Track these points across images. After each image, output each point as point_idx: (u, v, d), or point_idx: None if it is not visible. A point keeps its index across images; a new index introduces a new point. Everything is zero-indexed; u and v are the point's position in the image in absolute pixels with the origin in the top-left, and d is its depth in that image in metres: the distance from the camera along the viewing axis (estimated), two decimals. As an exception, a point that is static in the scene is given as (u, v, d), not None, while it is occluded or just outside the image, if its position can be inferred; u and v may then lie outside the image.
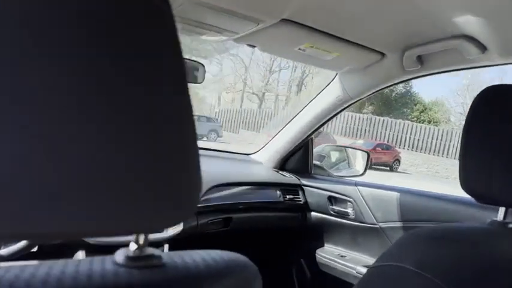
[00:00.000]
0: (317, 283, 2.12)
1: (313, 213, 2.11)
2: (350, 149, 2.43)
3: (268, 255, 2.35)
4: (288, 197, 2.06)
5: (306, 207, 2.12)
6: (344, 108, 1.99)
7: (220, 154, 2.31)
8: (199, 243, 1.77)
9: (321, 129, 2.15)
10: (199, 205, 1.67)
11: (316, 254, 2.07)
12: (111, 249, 1.23)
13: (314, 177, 2.21)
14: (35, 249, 1.32)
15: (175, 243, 1.61)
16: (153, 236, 1.53)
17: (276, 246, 2.20)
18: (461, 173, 0.78)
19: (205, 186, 1.73)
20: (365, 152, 2.27)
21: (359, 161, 2.29)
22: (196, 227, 1.70)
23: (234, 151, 2.45)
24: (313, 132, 2.12)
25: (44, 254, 1.39)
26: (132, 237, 0.44)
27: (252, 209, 1.92)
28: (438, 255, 0.63)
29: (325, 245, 2.10)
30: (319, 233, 2.11)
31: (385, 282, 0.63)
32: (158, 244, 1.56)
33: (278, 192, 2.04)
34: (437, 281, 0.57)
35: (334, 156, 2.44)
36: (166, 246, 1.59)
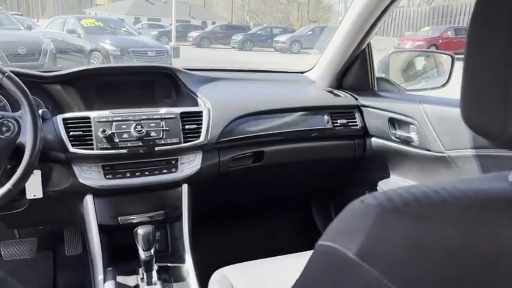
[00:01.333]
0: None
1: (373, 140, 1.73)
2: (427, 54, 1.88)
3: (320, 190, 2.09)
4: (339, 121, 1.70)
5: (364, 133, 1.74)
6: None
7: (268, 76, 2.01)
8: (225, 182, 1.60)
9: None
10: (220, 139, 1.46)
11: (377, 187, 1.72)
12: (116, 192, 1.12)
13: (377, 95, 1.78)
14: (39, 195, 1.30)
15: (195, 182, 1.46)
16: (168, 176, 1.42)
17: (329, 179, 1.91)
18: (463, 103, 0.43)
19: (228, 117, 1.50)
20: (448, 55, 1.72)
21: (440, 67, 1.77)
22: (218, 164, 1.51)
23: (288, 70, 2.12)
24: (367, 34, 1.66)
25: (52, 202, 1.37)
26: None
27: (289, 141, 1.64)
28: (393, 239, 0.39)
29: (391, 176, 1.73)
30: (381, 163, 1.73)
31: (325, 271, 0.46)
32: (175, 184, 1.43)
33: (326, 117, 1.69)
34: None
35: (406, 63, 1.93)
36: (185, 187, 1.45)
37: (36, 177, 1.25)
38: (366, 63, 1.77)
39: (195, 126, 1.42)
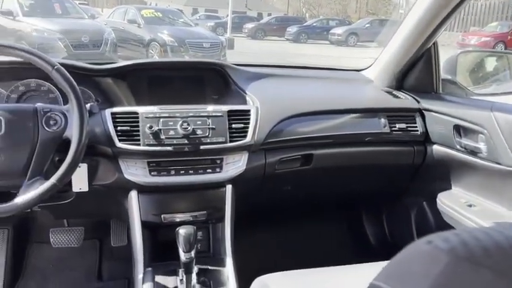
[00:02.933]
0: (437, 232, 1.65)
1: (435, 147, 1.58)
2: (500, 54, 1.69)
3: (372, 198, 1.97)
4: (397, 126, 1.57)
5: (425, 139, 1.60)
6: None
7: (322, 73, 1.91)
8: (270, 184, 1.53)
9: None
10: (267, 140, 1.40)
11: (437, 199, 1.58)
12: (160, 189, 1.11)
13: (442, 98, 1.63)
14: (85, 188, 1.30)
15: (240, 184, 1.40)
16: (212, 176, 1.38)
17: (383, 187, 1.78)
18: None
19: (277, 117, 1.43)
20: (528, 56, 1.53)
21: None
22: (264, 166, 1.44)
23: (343, 68, 2.01)
24: (435, 31, 1.51)
25: (98, 196, 1.38)
26: None
27: (341, 144, 1.54)
28: None
29: (452, 188, 1.58)
30: (443, 173, 1.58)
31: None
32: (219, 185, 1.39)
33: (383, 120, 1.57)
34: None
35: (475, 64, 1.75)
36: (229, 187, 1.40)
37: (82, 170, 1.26)
38: (430, 63, 1.62)
39: (242, 125, 1.37)
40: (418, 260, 0.41)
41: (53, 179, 1.08)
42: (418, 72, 1.66)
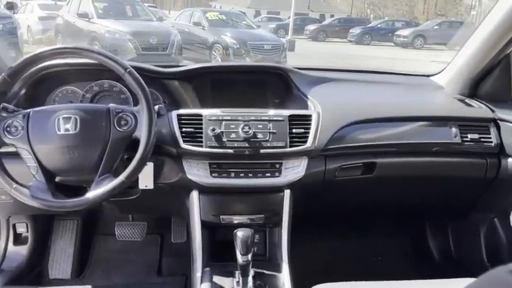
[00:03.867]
0: (510, 253, 1.53)
1: (510, 160, 1.47)
2: None
3: (438, 211, 1.86)
4: (470, 136, 1.48)
5: (500, 151, 1.49)
6: None
7: (388, 78, 1.84)
8: (329, 191, 1.50)
9: None
10: (328, 146, 1.37)
11: (511, 217, 1.47)
12: (219, 191, 1.13)
13: (520, 108, 1.51)
14: (150, 186, 1.35)
15: (298, 189, 1.39)
16: (271, 181, 1.38)
17: (450, 200, 1.68)
18: None
19: (339, 122, 1.40)
20: None
21: None
22: (324, 172, 1.42)
23: (411, 72, 1.92)
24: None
25: (162, 193, 1.43)
26: None
27: (406, 153, 1.47)
28: None
29: None
30: None
31: None
32: (278, 189, 1.39)
33: (454, 129, 1.48)
34: None
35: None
36: (287, 192, 1.39)
37: (148, 169, 1.31)
38: (508, 70, 1.52)
39: (303, 130, 1.35)
40: None
41: (121, 177, 1.14)
42: (494, 79, 1.55)
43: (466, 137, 1.47)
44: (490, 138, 1.48)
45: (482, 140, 1.48)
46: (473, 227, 1.71)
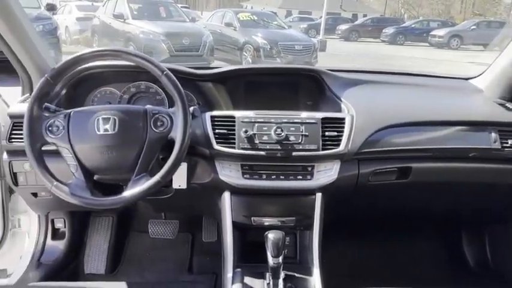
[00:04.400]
0: None
1: None
2: None
3: (474, 218, 1.80)
4: (510, 142, 1.43)
5: None
6: None
7: (424, 80, 1.80)
8: (361, 195, 1.48)
9: None
10: (362, 150, 1.36)
11: None
12: (251, 192, 1.15)
13: None
14: (184, 186, 1.38)
15: (330, 193, 1.38)
16: (303, 183, 1.37)
17: (488, 206, 1.62)
18: None
19: (373, 126, 1.38)
20: None
21: None
22: (357, 176, 1.40)
23: (448, 75, 1.87)
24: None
25: (194, 193, 1.45)
26: None
27: (442, 158, 1.43)
28: None
29: None
30: None
31: None
32: (309, 192, 1.38)
33: (494, 135, 1.43)
34: None
35: None
36: (319, 195, 1.38)
37: (182, 169, 1.34)
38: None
39: (336, 133, 1.34)
40: None
41: (157, 176, 1.16)
42: (539, 83, 1.49)
43: (507, 143, 1.42)
44: None
45: None
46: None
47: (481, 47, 16.19)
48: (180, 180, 1.36)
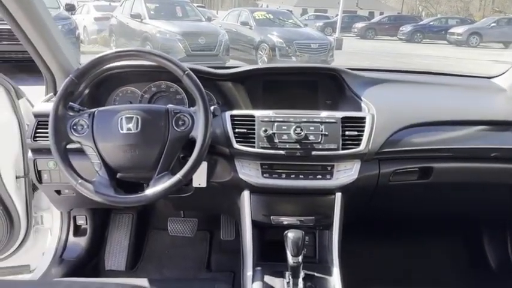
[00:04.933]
0: None
1: None
2: None
3: (496, 219, 1.78)
4: None
5: None
6: None
7: (446, 79, 1.77)
8: (382, 195, 1.47)
9: None
10: (382, 149, 1.35)
11: None
12: (270, 191, 1.16)
13: None
14: (204, 184, 1.39)
15: (350, 192, 1.37)
16: (322, 183, 1.37)
17: (510, 207, 1.59)
18: None
19: (394, 125, 1.37)
20: None
21: None
22: (378, 176, 1.39)
23: (470, 74, 1.84)
24: None
25: (214, 192, 1.46)
26: None
27: (464, 158, 1.41)
28: None
29: None
30: None
31: None
32: (329, 192, 1.38)
33: None
34: None
35: None
36: (338, 195, 1.38)
37: (202, 168, 1.35)
38: None
39: (356, 133, 1.34)
40: None
41: (178, 175, 1.18)
42: None
43: None
44: None
45: None
46: None
47: (501, 45, 15.87)
48: (200, 179, 1.38)
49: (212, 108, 1.26)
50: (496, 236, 1.86)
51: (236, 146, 1.33)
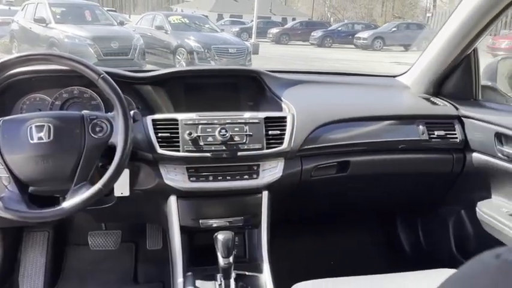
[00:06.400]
0: (477, 243, 1.61)
1: (474, 155, 1.55)
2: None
3: (408, 206, 1.94)
4: (436, 133, 1.55)
5: (464, 147, 1.57)
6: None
7: (356, 79, 1.90)
8: (305, 191, 1.53)
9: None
10: (304, 147, 1.40)
11: (477, 208, 1.55)
12: (198, 195, 1.11)
13: (481, 105, 1.59)
14: (126, 193, 1.33)
15: (276, 190, 1.41)
16: (249, 183, 1.39)
17: (419, 195, 1.75)
18: None
19: (313, 123, 1.43)
20: None
21: None
22: (300, 172, 1.44)
23: (378, 73, 1.99)
24: (477, 37, 1.49)
25: (138, 200, 1.40)
26: None
27: (378, 151, 1.52)
28: None
29: (492, 197, 1.54)
30: (482, 182, 1.55)
31: None
32: (256, 191, 1.40)
33: (421, 127, 1.54)
34: None
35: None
36: (265, 194, 1.40)
37: (124, 176, 1.28)
38: (470, 69, 1.60)
39: (279, 132, 1.37)
40: (485, 274, 0.39)
41: (98, 184, 1.11)
42: (457, 78, 1.63)
43: (433, 134, 1.54)
44: (455, 134, 1.55)
45: (448, 136, 1.55)
46: (442, 220, 1.79)
47: (401, 48, 17.37)
48: (122, 188, 1.31)
49: (132, 112, 1.21)
50: (408, 222, 2.03)
51: (160, 150, 1.29)
